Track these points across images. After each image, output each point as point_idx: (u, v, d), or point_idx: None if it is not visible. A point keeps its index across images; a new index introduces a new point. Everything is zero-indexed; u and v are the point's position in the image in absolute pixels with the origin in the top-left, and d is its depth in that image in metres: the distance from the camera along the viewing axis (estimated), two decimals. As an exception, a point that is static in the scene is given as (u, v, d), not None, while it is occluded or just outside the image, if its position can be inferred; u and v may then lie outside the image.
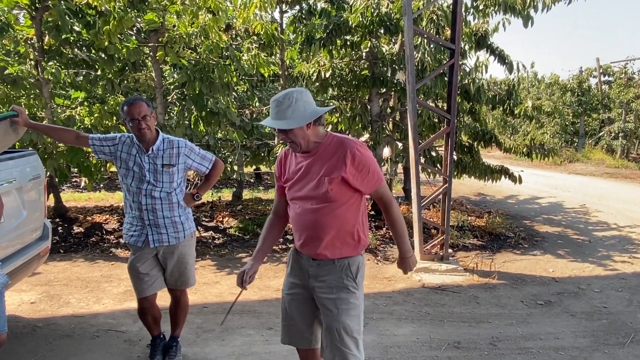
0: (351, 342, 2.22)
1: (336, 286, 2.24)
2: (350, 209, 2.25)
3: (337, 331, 2.21)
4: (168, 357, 3.19)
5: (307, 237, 2.29)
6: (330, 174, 2.17)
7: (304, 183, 2.25)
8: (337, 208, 2.22)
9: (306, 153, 2.26)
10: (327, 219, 2.22)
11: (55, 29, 5.62)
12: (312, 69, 6.90)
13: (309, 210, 2.24)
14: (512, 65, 7.20)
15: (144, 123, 2.85)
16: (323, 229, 2.23)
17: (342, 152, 2.17)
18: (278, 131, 2.18)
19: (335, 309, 2.22)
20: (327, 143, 2.23)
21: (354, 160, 2.16)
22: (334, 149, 2.21)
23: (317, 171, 2.21)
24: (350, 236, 2.27)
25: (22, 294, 4.43)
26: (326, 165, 2.19)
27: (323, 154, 2.22)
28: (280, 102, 2.13)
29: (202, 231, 6.77)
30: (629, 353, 3.58)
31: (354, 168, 2.16)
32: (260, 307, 4.29)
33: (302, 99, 2.15)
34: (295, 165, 2.30)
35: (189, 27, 5.97)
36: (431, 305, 4.43)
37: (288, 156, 2.38)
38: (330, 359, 2.25)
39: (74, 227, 6.64)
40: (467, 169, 7.33)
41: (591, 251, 6.38)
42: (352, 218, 2.26)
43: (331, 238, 2.24)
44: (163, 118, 6.35)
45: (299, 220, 2.30)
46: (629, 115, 19.60)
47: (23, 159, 3.46)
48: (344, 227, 2.25)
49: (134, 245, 3.05)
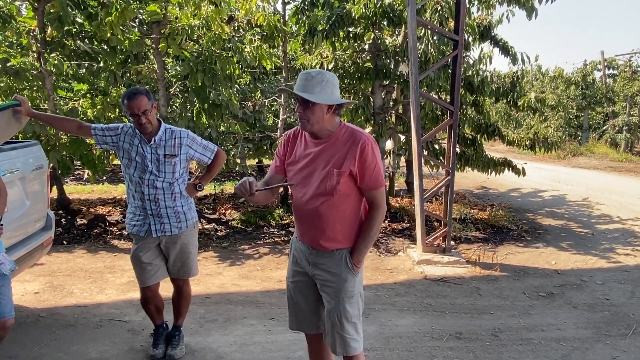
0: (351, 327, 2.26)
1: (335, 274, 2.25)
2: (354, 202, 2.25)
3: (337, 318, 2.24)
4: (171, 347, 3.21)
5: (308, 228, 2.29)
6: (339, 167, 2.16)
7: (311, 171, 2.23)
8: (343, 201, 2.21)
9: (317, 140, 2.23)
10: (331, 212, 2.21)
11: (57, 20, 5.60)
12: (315, 61, 6.88)
13: (313, 200, 2.23)
14: (516, 56, 7.16)
15: (144, 118, 2.85)
16: (326, 221, 2.22)
17: (353, 145, 2.17)
18: (298, 104, 2.15)
19: (335, 297, 2.24)
20: (339, 133, 2.22)
21: (362, 154, 2.15)
22: (345, 140, 2.19)
23: (326, 161, 2.19)
24: (352, 229, 2.27)
25: (25, 284, 4.45)
26: (336, 157, 2.18)
27: (334, 144, 2.20)
28: (312, 77, 2.12)
29: (205, 223, 6.79)
30: (630, 344, 3.58)
31: (360, 162, 2.16)
32: (262, 298, 4.31)
33: (332, 82, 2.16)
34: (304, 150, 2.27)
35: (192, 19, 5.95)
36: (433, 297, 4.44)
37: (297, 138, 2.34)
38: (331, 343, 2.29)
39: (77, 219, 6.66)
40: (470, 161, 7.31)
41: (594, 244, 6.37)
42: (355, 211, 2.27)
43: (333, 231, 2.24)
44: (165, 110, 6.35)
45: (301, 210, 2.29)
46: (633, 109, 19.49)
47: (26, 150, 3.47)
48: (347, 220, 2.25)
49: (136, 235, 3.06)
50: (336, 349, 2.28)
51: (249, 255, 5.58)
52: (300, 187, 2.27)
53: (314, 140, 2.24)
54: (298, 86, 2.15)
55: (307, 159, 2.25)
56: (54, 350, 3.26)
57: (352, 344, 2.26)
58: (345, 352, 2.27)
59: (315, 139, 2.24)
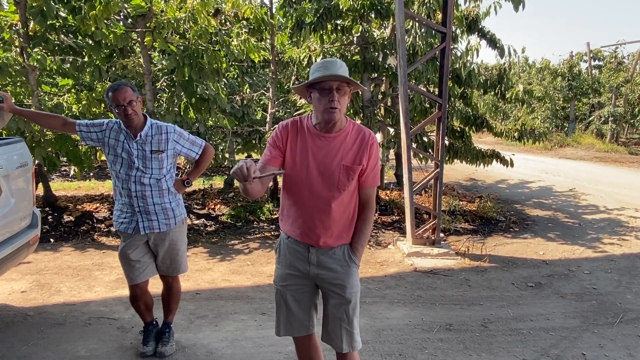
0: (356, 321, 2.27)
1: (341, 271, 2.22)
2: (356, 198, 2.24)
3: (346, 314, 2.22)
4: (161, 344, 3.19)
5: (313, 226, 2.18)
6: (352, 163, 2.13)
7: (318, 167, 2.14)
8: (350, 198, 2.20)
9: (327, 134, 2.14)
10: (339, 208, 2.17)
11: (40, 14, 5.49)
12: (303, 54, 6.84)
13: (321, 198, 2.14)
14: (504, 49, 7.18)
15: (130, 109, 2.81)
16: (334, 218, 2.17)
17: (364, 141, 2.14)
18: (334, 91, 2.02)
19: (343, 292, 2.22)
20: (349, 129, 2.17)
21: (371, 152, 2.14)
22: (354, 136, 2.16)
23: (338, 157, 2.13)
24: (353, 224, 2.26)
25: (12, 282, 4.39)
26: (348, 153, 2.13)
27: (345, 140, 2.15)
28: (331, 63, 2.08)
29: (194, 219, 6.75)
30: (618, 333, 3.64)
31: (369, 159, 2.14)
32: (253, 293, 4.29)
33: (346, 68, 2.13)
34: (308, 144, 2.15)
35: (177, 12, 5.87)
36: (423, 289, 4.46)
37: (298, 130, 2.19)
38: (337, 341, 2.26)
39: (64, 216, 6.58)
40: (459, 153, 7.34)
41: (581, 234, 6.44)
42: (356, 207, 2.26)
43: (339, 228, 2.21)
44: (152, 105, 6.28)
45: (306, 208, 2.18)
46: (619, 100, 19.71)
47: (10, 146, 3.41)
48: (351, 216, 2.24)
49: (124, 233, 3.03)
50: (343, 346, 2.24)
51: (239, 251, 5.56)
52: (311, 182, 2.15)
53: (324, 135, 2.14)
54: (320, 72, 2.04)
55: (316, 152, 2.15)
56: (43, 350, 3.23)
57: (357, 338, 2.27)
58: (353, 348, 2.26)
59: (326, 133, 2.14)
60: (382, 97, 7.63)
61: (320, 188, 2.15)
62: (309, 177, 2.15)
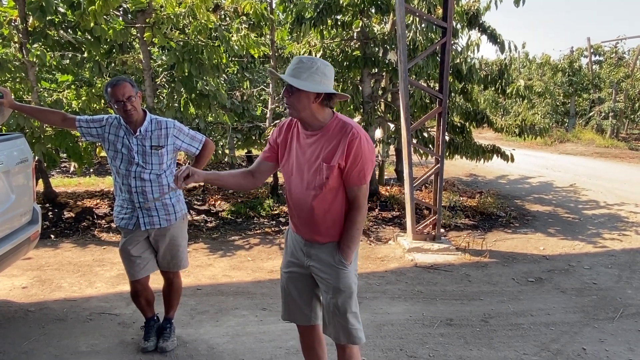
0: (352, 317, 2.26)
1: (329, 265, 2.23)
2: (342, 197, 2.20)
3: (337, 309, 2.23)
4: (162, 339, 3.19)
5: (302, 221, 2.26)
6: (329, 161, 2.10)
7: (302, 164, 2.18)
8: (334, 196, 2.17)
9: (309, 131, 2.17)
10: (323, 206, 2.17)
11: (39, 10, 5.47)
12: (303, 49, 6.83)
13: (304, 194, 2.19)
14: (504, 44, 7.17)
15: (129, 104, 2.80)
16: (318, 215, 2.19)
17: (343, 138, 2.09)
18: (284, 90, 2.09)
19: (332, 289, 2.23)
20: (331, 126, 2.14)
21: (350, 147, 2.07)
22: (335, 133, 2.12)
23: (317, 154, 2.13)
24: (343, 221, 2.24)
25: (13, 278, 4.40)
26: (326, 150, 2.11)
27: (325, 137, 2.13)
28: (303, 63, 2.06)
29: (195, 215, 6.75)
30: (618, 327, 3.64)
31: (347, 156, 2.08)
32: (254, 289, 4.30)
33: (323, 71, 2.07)
34: (297, 141, 2.22)
35: (177, 7, 5.85)
36: (424, 284, 4.47)
37: (291, 128, 2.26)
38: (334, 335, 2.28)
39: (64, 212, 6.58)
40: (459, 149, 7.33)
41: (581, 229, 6.44)
42: (343, 206, 2.22)
43: (326, 225, 2.21)
44: (152, 101, 6.26)
45: (294, 203, 2.26)
46: (619, 95, 19.65)
47: (9, 142, 3.40)
48: (339, 214, 2.22)
49: (124, 228, 3.03)
50: (340, 338, 2.28)
51: (240, 246, 5.56)
52: (293, 180, 2.23)
53: (306, 132, 2.17)
54: (288, 70, 2.09)
55: (299, 151, 2.20)
56: (44, 345, 3.23)
57: (356, 334, 2.27)
58: (350, 341, 2.27)
59: (307, 131, 2.17)
60: (383, 92, 7.61)
61: (300, 186, 2.20)
62: (293, 175, 2.23)
